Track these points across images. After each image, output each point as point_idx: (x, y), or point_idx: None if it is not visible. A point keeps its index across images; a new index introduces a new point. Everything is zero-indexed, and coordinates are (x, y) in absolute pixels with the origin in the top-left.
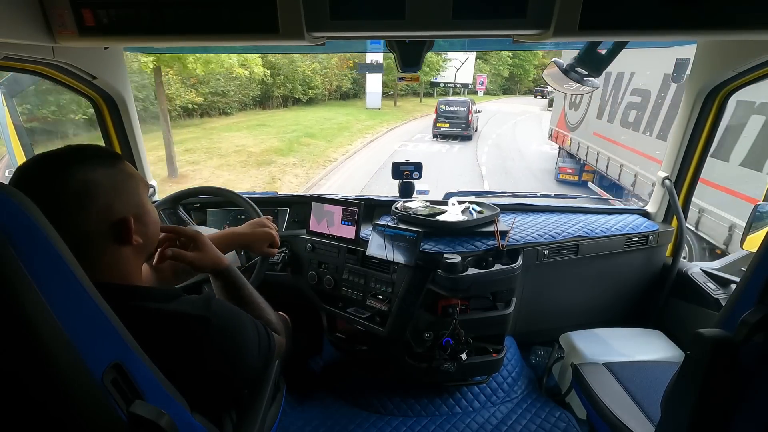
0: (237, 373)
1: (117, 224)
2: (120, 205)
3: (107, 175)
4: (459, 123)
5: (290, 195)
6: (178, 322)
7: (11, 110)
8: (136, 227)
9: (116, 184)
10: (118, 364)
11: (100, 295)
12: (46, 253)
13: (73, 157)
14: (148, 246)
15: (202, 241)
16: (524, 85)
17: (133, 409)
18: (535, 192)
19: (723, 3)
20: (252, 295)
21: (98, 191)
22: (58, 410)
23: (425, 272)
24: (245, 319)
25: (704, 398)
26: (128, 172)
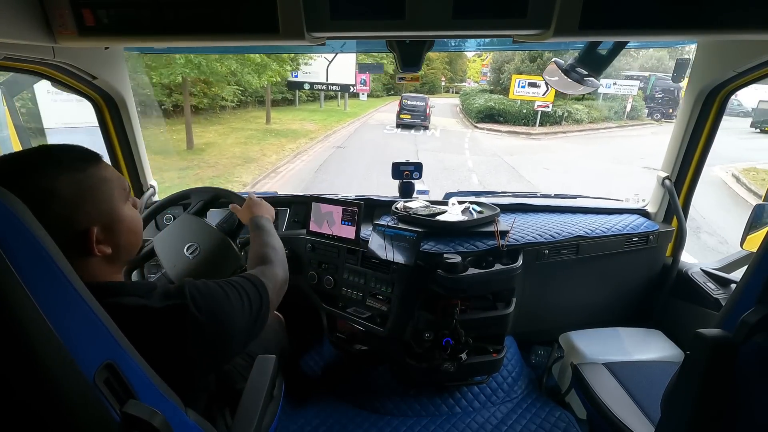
0: (226, 346)
1: (77, 235)
2: (82, 216)
3: (72, 182)
4: (419, 115)
5: (290, 195)
6: (158, 316)
7: (11, 110)
8: (105, 236)
9: (81, 192)
10: (111, 363)
11: (91, 295)
12: (35, 254)
13: (37, 162)
14: (122, 254)
15: (242, 208)
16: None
17: (126, 408)
18: (535, 192)
19: (723, 3)
20: (263, 234)
21: (55, 201)
22: (49, 411)
23: (425, 272)
24: (223, 290)
25: (704, 398)
26: (100, 177)
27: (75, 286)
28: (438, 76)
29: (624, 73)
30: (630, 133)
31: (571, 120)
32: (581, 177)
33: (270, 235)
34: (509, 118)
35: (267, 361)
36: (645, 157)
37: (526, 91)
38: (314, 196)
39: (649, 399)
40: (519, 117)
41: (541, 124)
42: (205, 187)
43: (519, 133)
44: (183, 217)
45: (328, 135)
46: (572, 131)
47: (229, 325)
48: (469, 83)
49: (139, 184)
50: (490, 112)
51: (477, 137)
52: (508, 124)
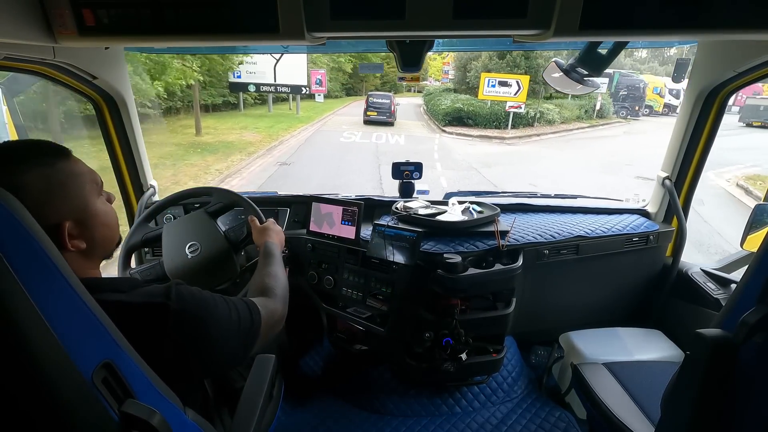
0: (209, 354)
1: (50, 231)
2: (52, 211)
3: (41, 177)
4: (384, 112)
5: (290, 195)
6: (137, 311)
7: (11, 110)
8: (79, 231)
9: (51, 187)
10: (108, 363)
11: (88, 294)
12: (32, 253)
13: (3, 158)
14: (98, 248)
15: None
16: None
17: (124, 408)
18: (536, 192)
19: (723, 3)
20: (273, 264)
21: (25, 198)
22: (47, 411)
23: (425, 272)
24: (214, 301)
25: (704, 398)
26: (70, 172)
27: (72, 285)
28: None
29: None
30: (603, 133)
31: (544, 121)
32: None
33: (279, 266)
34: (479, 121)
35: (266, 360)
36: (632, 164)
37: (496, 90)
38: (314, 196)
39: (649, 399)
40: (490, 119)
41: (513, 126)
42: (229, 190)
43: (491, 137)
44: (198, 213)
45: (273, 147)
46: (546, 133)
47: (213, 334)
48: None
49: (139, 183)
50: (458, 115)
51: (446, 144)
52: (478, 127)
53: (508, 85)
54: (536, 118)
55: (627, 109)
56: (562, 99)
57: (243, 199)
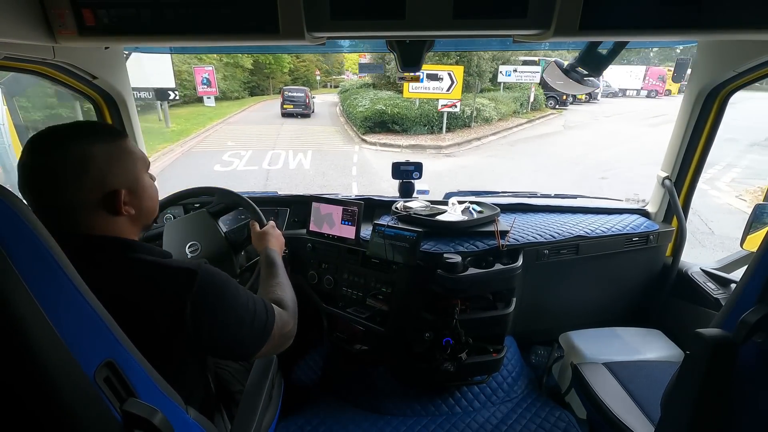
0: (222, 327)
1: (108, 195)
2: (113, 178)
3: (103, 150)
4: (300, 105)
5: (290, 195)
6: (169, 272)
7: (11, 110)
8: (129, 199)
9: (111, 158)
10: (111, 362)
11: (91, 293)
12: (36, 253)
13: (75, 132)
14: (143, 218)
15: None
16: (279, 80)
17: (126, 407)
18: (535, 192)
19: (723, 3)
20: (278, 275)
21: (92, 164)
22: (50, 410)
23: (425, 272)
24: (236, 285)
25: (704, 398)
26: (126, 149)
27: (75, 284)
28: (312, 69)
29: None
30: (544, 129)
31: (481, 119)
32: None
33: (284, 276)
34: (408, 126)
35: (266, 360)
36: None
37: (425, 86)
38: (314, 196)
39: (649, 399)
40: (420, 122)
41: (448, 128)
42: (232, 191)
43: (425, 146)
44: (200, 214)
45: None
46: (487, 135)
47: (229, 310)
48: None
49: None
50: (380, 119)
51: (368, 161)
52: (407, 133)
53: (439, 79)
54: (473, 116)
55: (555, 99)
56: (495, 92)
57: (245, 200)
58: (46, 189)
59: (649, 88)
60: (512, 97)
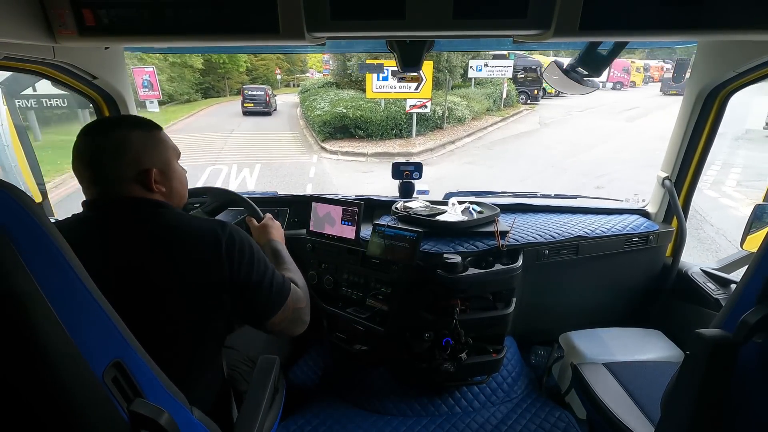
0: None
1: (142, 172)
2: (147, 159)
3: (140, 136)
4: (260, 103)
5: (290, 195)
6: (203, 224)
7: (11, 110)
8: (160, 179)
9: (146, 143)
10: (119, 362)
11: (101, 294)
12: (47, 252)
13: (118, 121)
14: (174, 198)
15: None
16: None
17: (133, 407)
18: (536, 192)
19: (723, 3)
20: (286, 261)
21: (130, 146)
22: (59, 409)
23: (425, 272)
24: (259, 249)
25: (704, 398)
26: (159, 138)
27: (86, 284)
28: (272, 68)
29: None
30: (520, 128)
31: (453, 119)
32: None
33: (291, 263)
34: (373, 130)
35: (269, 361)
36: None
37: (390, 85)
38: (314, 196)
39: (649, 399)
40: (387, 126)
41: (418, 131)
42: (225, 188)
43: (393, 154)
44: (196, 213)
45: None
46: (461, 138)
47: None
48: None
49: None
50: (341, 123)
51: (327, 174)
52: (372, 139)
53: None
54: (445, 117)
55: (526, 94)
56: (466, 88)
57: (239, 196)
58: (93, 164)
59: (614, 80)
60: (484, 93)
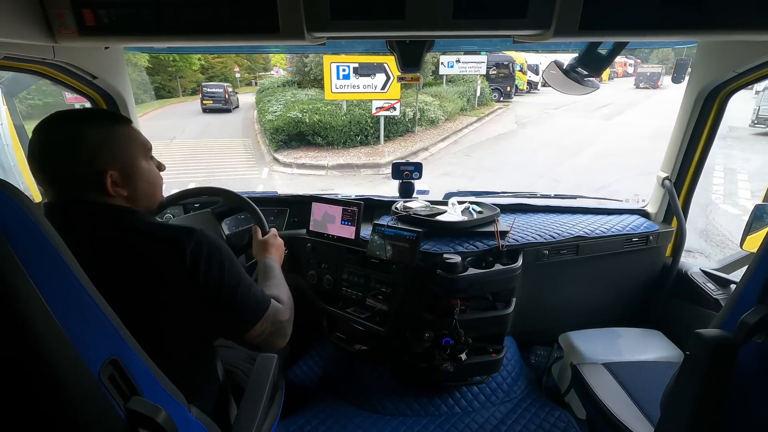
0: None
1: (96, 174)
2: (103, 159)
3: (99, 133)
4: (219, 100)
5: (290, 195)
6: (167, 233)
7: (11, 110)
8: (121, 181)
9: (104, 141)
10: (115, 359)
11: (97, 291)
12: (43, 250)
13: (73, 115)
14: (140, 201)
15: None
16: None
17: (130, 405)
18: (535, 192)
19: (723, 3)
20: (274, 276)
21: (83, 144)
22: (55, 406)
23: (425, 272)
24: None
25: (704, 398)
26: (124, 134)
27: (82, 282)
28: (230, 66)
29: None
30: (497, 129)
31: (426, 121)
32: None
33: (281, 279)
34: (334, 137)
35: (268, 359)
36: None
37: (353, 84)
38: (314, 196)
39: (649, 399)
40: (350, 133)
41: (387, 137)
42: (237, 193)
43: (358, 165)
44: (204, 214)
45: None
46: (436, 143)
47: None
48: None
49: None
50: (297, 129)
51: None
52: (333, 147)
53: (372, 74)
54: (416, 119)
55: (499, 91)
56: (438, 86)
57: (251, 205)
58: (45, 164)
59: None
60: (457, 91)
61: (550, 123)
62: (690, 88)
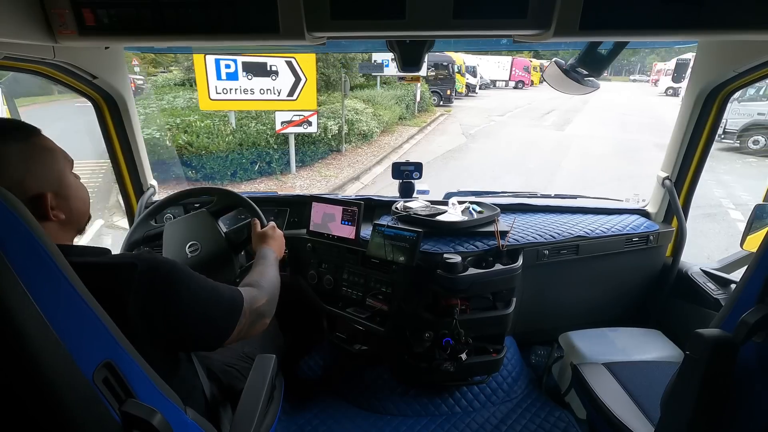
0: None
1: (32, 200)
2: (33, 181)
3: (19, 150)
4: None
5: (290, 195)
6: (108, 270)
7: (11, 110)
8: (57, 203)
9: (28, 158)
10: (109, 362)
11: (90, 294)
12: (34, 253)
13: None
14: (74, 221)
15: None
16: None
17: (125, 408)
18: (536, 192)
19: (723, 3)
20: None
21: (7, 167)
22: (48, 411)
23: (425, 272)
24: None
25: (704, 398)
26: (44, 146)
27: (74, 285)
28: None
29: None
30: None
31: (356, 136)
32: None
33: (270, 266)
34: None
35: (266, 360)
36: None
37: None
38: (314, 196)
39: (649, 399)
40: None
41: (302, 162)
42: (231, 191)
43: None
44: (200, 213)
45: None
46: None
47: (182, 296)
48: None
49: (139, 183)
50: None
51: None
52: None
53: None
54: (344, 135)
55: (439, 95)
56: (371, 89)
57: (245, 200)
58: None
59: (515, 79)
60: (393, 96)
61: (502, 134)
62: (690, 88)
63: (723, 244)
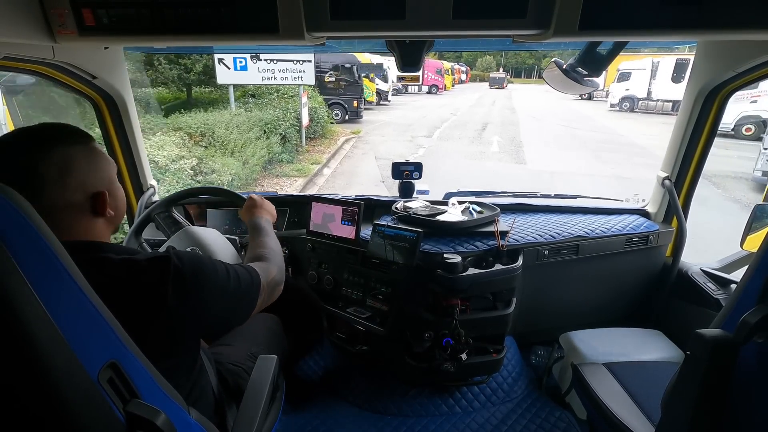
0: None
1: (94, 197)
2: (95, 180)
3: (82, 152)
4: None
5: (290, 195)
6: (142, 264)
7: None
8: (110, 201)
9: (90, 160)
10: (114, 363)
11: (95, 294)
12: (41, 253)
13: (52, 134)
14: (117, 219)
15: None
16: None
17: (129, 408)
18: (535, 192)
19: (723, 3)
20: (261, 234)
21: (76, 166)
22: (53, 410)
23: (425, 272)
24: (210, 261)
25: (704, 398)
26: (100, 151)
27: (80, 285)
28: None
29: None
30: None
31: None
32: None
33: (267, 235)
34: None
35: (268, 360)
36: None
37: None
38: (314, 196)
39: (650, 399)
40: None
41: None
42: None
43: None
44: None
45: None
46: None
47: (211, 283)
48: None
49: (139, 183)
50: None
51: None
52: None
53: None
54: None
55: (342, 107)
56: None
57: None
58: (26, 190)
59: (429, 83)
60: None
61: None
62: (690, 88)
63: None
